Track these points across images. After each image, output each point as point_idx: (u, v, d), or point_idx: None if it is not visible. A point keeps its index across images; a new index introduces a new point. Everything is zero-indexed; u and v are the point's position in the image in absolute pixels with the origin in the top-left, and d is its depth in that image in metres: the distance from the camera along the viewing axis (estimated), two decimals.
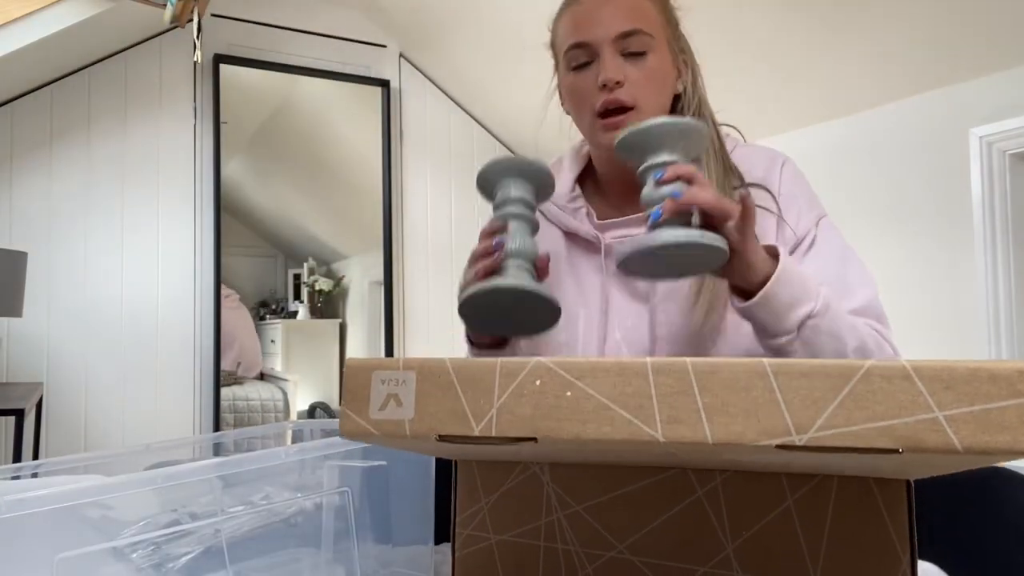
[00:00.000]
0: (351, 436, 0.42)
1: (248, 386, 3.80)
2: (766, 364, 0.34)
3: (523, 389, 0.38)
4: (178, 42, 3.07)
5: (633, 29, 0.89)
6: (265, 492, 0.69)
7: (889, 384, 0.32)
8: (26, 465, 0.72)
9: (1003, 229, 2.29)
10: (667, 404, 0.36)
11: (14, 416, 2.12)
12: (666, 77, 0.93)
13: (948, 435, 0.31)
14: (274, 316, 4.05)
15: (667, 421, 0.35)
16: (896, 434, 0.32)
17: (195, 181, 3.12)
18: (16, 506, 0.46)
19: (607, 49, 0.89)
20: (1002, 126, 2.22)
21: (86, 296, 2.92)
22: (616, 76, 0.88)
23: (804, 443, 0.33)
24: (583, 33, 0.91)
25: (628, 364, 0.37)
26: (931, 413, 0.32)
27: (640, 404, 0.36)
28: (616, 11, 0.90)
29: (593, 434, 0.36)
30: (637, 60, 0.90)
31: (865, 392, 0.33)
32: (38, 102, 2.87)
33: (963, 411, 0.31)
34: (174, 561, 0.58)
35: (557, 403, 0.37)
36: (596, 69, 0.90)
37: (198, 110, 3.13)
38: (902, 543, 0.44)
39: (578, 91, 0.93)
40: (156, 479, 0.55)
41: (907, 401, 0.32)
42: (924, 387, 0.32)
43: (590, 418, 0.37)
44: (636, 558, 0.49)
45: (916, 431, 0.32)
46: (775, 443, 0.33)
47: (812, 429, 0.33)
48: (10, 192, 2.82)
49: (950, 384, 0.32)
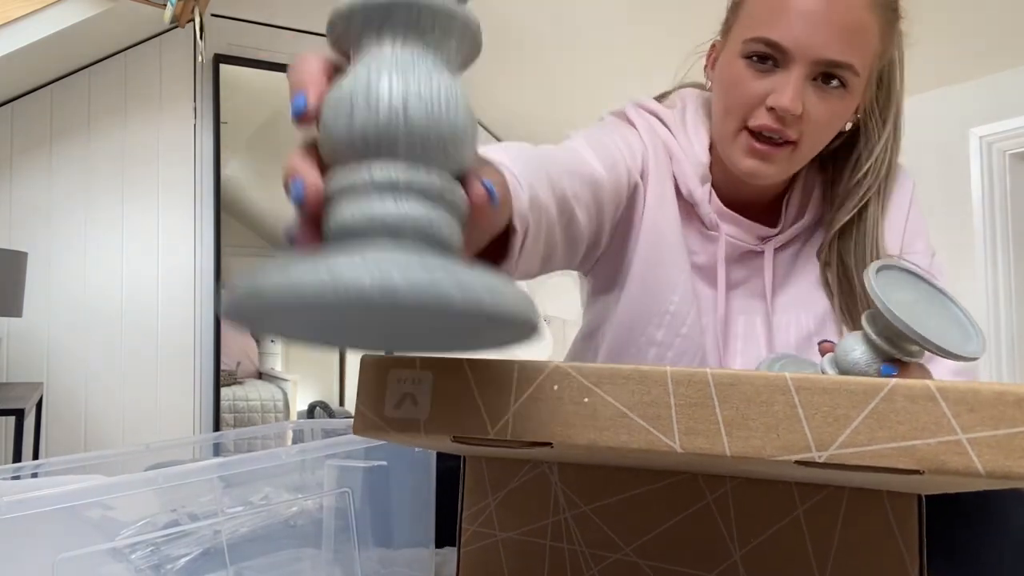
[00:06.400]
0: (364, 434, 0.41)
1: (248, 386, 3.79)
2: (788, 378, 0.34)
3: (540, 393, 0.38)
4: (178, 42, 3.07)
5: (842, 62, 0.72)
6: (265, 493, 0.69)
7: (913, 404, 0.32)
8: (26, 465, 0.72)
9: (1003, 229, 2.29)
10: (686, 415, 0.35)
11: (14, 416, 2.12)
12: (845, 118, 0.79)
13: (971, 458, 0.31)
14: None
15: (685, 432, 0.35)
16: (918, 455, 0.31)
17: (195, 181, 3.12)
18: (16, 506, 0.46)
19: (799, 69, 0.72)
20: (1002, 126, 2.22)
21: (86, 296, 2.92)
22: (795, 109, 0.72)
23: (824, 460, 0.32)
24: (782, 32, 0.72)
25: (648, 372, 0.36)
26: (954, 435, 0.31)
27: (658, 414, 0.35)
28: (833, 21, 0.71)
29: (610, 442, 0.36)
30: (827, 93, 0.74)
31: (888, 411, 0.32)
32: (38, 102, 2.87)
33: (987, 434, 0.31)
34: (174, 562, 0.58)
35: (575, 409, 0.37)
36: (776, 80, 0.74)
37: (198, 110, 3.13)
38: (911, 556, 0.43)
39: (742, 90, 0.76)
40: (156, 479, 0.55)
41: (930, 422, 0.32)
42: (948, 409, 0.31)
43: (607, 425, 0.36)
44: (642, 561, 0.49)
45: (938, 453, 0.31)
46: (794, 459, 0.33)
47: (833, 446, 0.33)
48: (10, 192, 2.82)
49: (974, 407, 0.31)
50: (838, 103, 0.75)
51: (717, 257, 0.85)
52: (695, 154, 0.84)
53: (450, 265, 0.27)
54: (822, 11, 0.71)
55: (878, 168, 0.82)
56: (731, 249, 0.85)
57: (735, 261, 0.86)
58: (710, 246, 0.85)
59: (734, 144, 0.78)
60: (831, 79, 0.73)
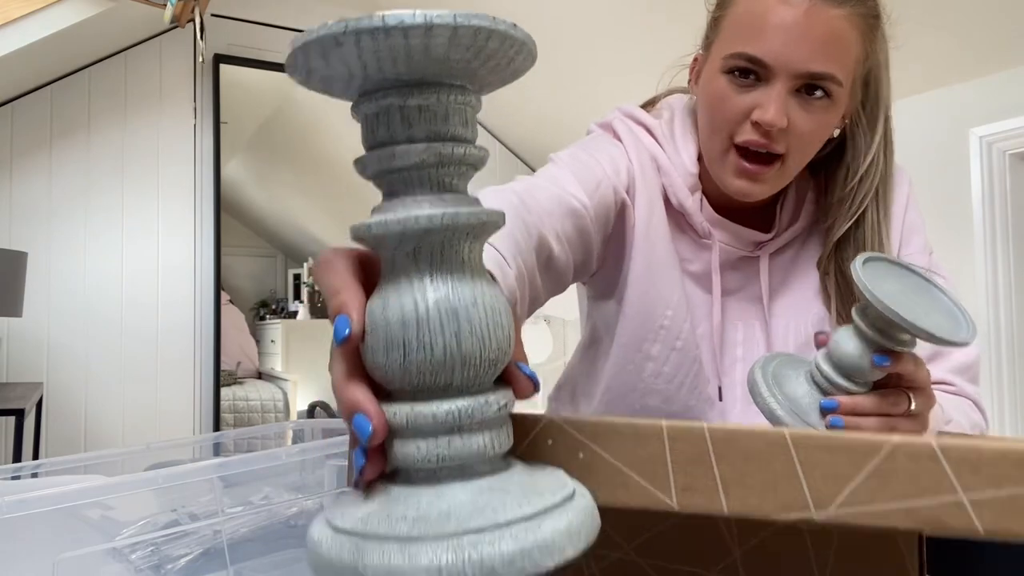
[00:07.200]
0: None
1: (248, 386, 3.80)
2: (787, 435, 0.33)
3: (535, 448, 0.37)
4: (178, 42, 3.07)
5: (823, 73, 0.72)
6: (265, 493, 0.69)
7: (915, 464, 0.31)
8: (26, 465, 0.72)
9: (1003, 229, 2.29)
10: (683, 472, 0.35)
11: (14, 416, 2.13)
12: (831, 127, 0.78)
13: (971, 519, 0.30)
14: (274, 316, 4.05)
15: (682, 489, 0.34)
16: (918, 516, 0.31)
17: (195, 181, 3.12)
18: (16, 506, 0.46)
19: (782, 83, 0.73)
20: (1002, 126, 2.22)
21: (86, 296, 2.92)
22: (780, 123, 0.72)
23: (823, 519, 0.32)
24: (763, 47, 0.72)
25: (642, 427, 0.36)
26: (955, 495, 0.31)
27: (655, 471, 0.35)
28: (812, 34, 0.71)
29: (606, 499, 0.35)
30: (811, 104, 0.74)
31: (889, 471, 0.32)
32: (38, 102, 2.87)
33: (988, 495, 0.30)
34: (174, 562, 0.58)
35: (569, 464, 0.36)
36: (759, 95, 0.74)
37: (198, 110, 3.13)
38: (911, 555, 0.43)
39: (727, 107, 0.76)
40: (156, 479, 0.55)
41: (931, 483, 0.31)
42: (950, 469, 0.31)
43: (603, 482, 0.36)
44: (643, 560, 0.49)
45: (939, 514, 0.31)
46: (793, 518, 0.33)
47: (832, 506, 0.32)
48: (10, 192, 2.82)
49: (977, 467, 0.30)
50: (823, 114, 0.75)
51: (712, 264, 0.85)
52: (683, 164, 0.84)
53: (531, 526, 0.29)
54: (801, 24, 0.71)
55: (873, 174, 0.82)
56: (725, 256, 0.85)
57: (730, 268, 0.86)
58: (704, 254, 0.86)
59: (723, 164, 0.78)
60: (814, 90, 0.74)
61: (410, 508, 0.30)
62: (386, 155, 0.32)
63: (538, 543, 0.29)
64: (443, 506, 0.30)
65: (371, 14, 0.29)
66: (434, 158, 0.32)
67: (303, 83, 0.33)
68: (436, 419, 0.31)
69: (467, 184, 0.34)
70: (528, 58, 0.33)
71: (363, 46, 0.29)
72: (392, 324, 0.31)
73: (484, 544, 0.28)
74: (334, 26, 0.29)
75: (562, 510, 0.30)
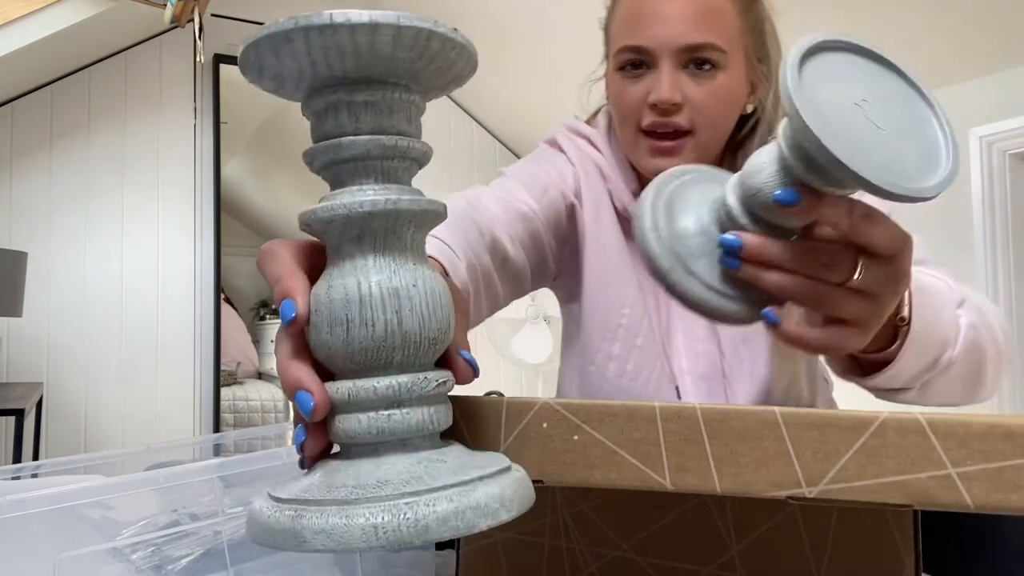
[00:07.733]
0: None
1: (248, 386, 3.80)
2: (777, 413, 0.34)
3: (530, 431, 0.38)
4: (178, 42, 3.07)
5: (702, 43, 0.75)
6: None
7: (903, 439, 0.32)
8: (26, 465, 0.72)
9: (1003, 229, 2.29)
10: (675, 451, 0.35)
11: (14, 416, 2.13)
12: (735, 96, 0.79)
13: (960, 492, 0.31)
14: (274, 316, 4.05)
15: (675, 469, 0.35)
16: (908, 490, 0.32)
17: (195, 181, 3.12)
18: (16, 506, 0.46)
19: (667, 62, 0.76)
20: (1002, 126, 2.22)
21: (86, 296, 2.92)
22: (673, 97, 0.75)
23: (814, 496, 0.33)
24: (641, 35, 0.77)
25: (636, 408, 0.36)
26: (944, 470, 0.31)
27: (648, 451, 0.36)
28: (684, 13, 0.75)
29: (600, 480, 0.36)
30: (702, 76, 0.76)
31: (877, 446, 0.32)
32: (38, 102, 2.87)
33: (977, 468, 0.31)
34: (175, 562, 0.58)
35: (564, 447, 0.37)
36: (650, 80, 0.77)
37: (198, 110, 3.13)
38: (907, 551, 0.44)
39: (625, 99, 0.80)
40: (156, 480, 0.55)
41: (920, 457, 0.32)
42: (938, 443, 0.31)
43: (597, 463, 0.36)
44: (641, 558, 0.49)
45: (928, 488, 0.31)
46: (784, 495, 0.33)
47: (823, 482, 0.33)
48: (10, 192, 2.82)
49: (965, 440, 0.31)
50: (714, 83, 0.77)
51: None
52: (625, 169, 0.87)
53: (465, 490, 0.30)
54: (672, 5, 0.76)
55: None
56: None
57: None
58: None
59: (637, 149, 0.81)
60: (702, 64, 0.76)
61: (349, 478, 0.31)
62: (333, 147, 0.33)
63: (471, 505, 0.30)
64: (381, 474, 0.31)
65: (320, 12, 0.30)
66: (379, 150, 0.33)
67: (255, 81, 0.35)
68: (377, 393, 0.32)
69: (411, 178, 0.35)
70: (469, 62, 0.35)
71: (312, 42, 0.31)
72: (336, 303, 0.32)
73: (420, 505, 0.29)
74: (285, 23, 0.30)
75: (496, 479, 0.32)
